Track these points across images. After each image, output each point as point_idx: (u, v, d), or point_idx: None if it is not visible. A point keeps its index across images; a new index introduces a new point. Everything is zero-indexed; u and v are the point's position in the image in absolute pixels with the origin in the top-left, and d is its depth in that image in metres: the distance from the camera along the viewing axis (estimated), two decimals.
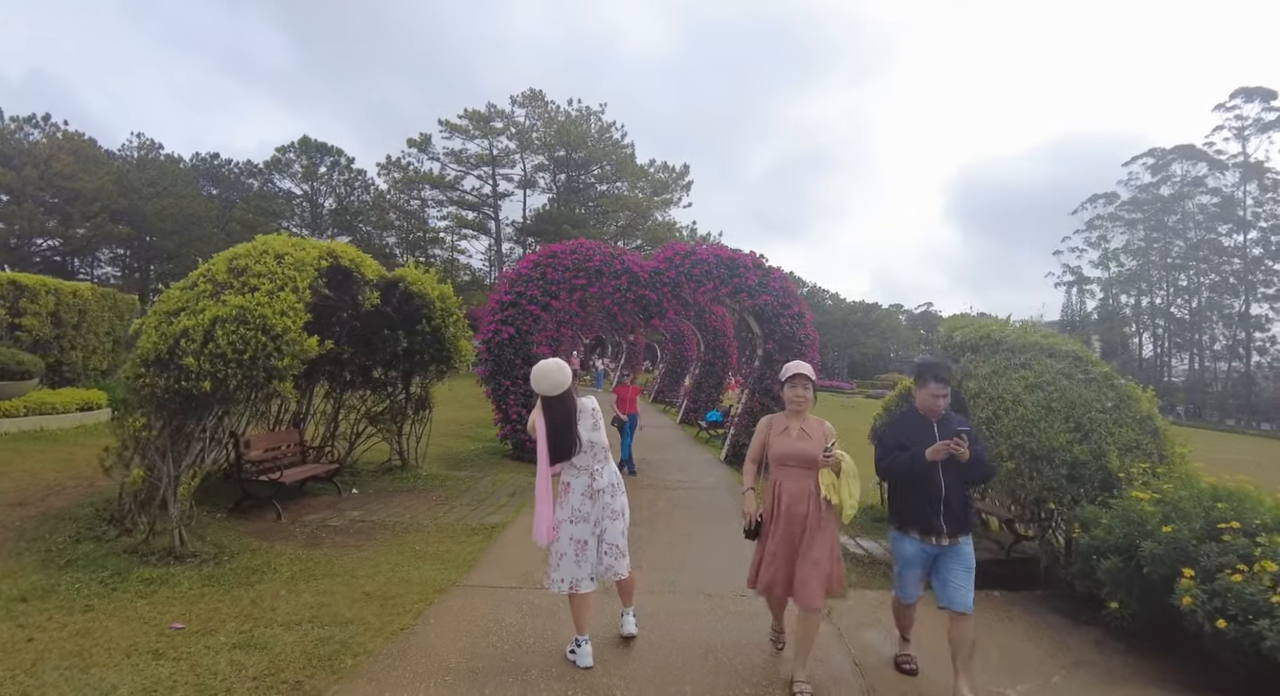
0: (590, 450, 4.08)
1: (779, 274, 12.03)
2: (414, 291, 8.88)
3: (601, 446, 4.16)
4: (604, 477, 4.13)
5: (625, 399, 11.01)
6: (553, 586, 4.11)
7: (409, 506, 8.30)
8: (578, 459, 4.06)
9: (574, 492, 4.09)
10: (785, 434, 4.01)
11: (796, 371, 4.00)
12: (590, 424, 4.09)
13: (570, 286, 11.66)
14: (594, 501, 4.09)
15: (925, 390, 4.00)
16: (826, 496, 3.81)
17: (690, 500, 8.97)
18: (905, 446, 3.94)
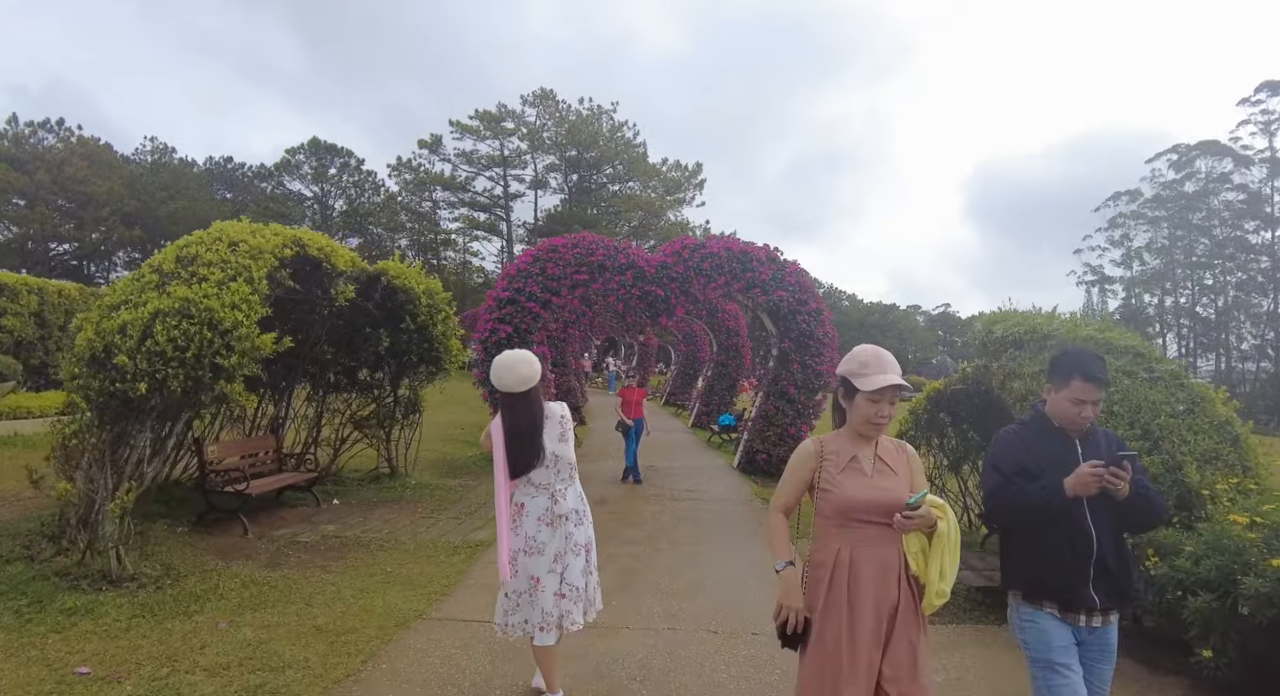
0: (553, 465, 3.35)
1: (795, 268, 11.24)
2: (397, 286, 8.22)
3: (567, 462, 3.42)
4: (567, 500, 3.37)
5: (630, 402, 10.27)
6: (507, 631, 3.37)
7: (390, 519, 7.61)
8: (537, 475, 3.32)
9: (528, 517, 3.32)
10: (854, 470, 2.39)
11: (888, 380, 2.31)
12: (557, 433, 3.37)
13: (572, 283, 10.95)
14: (554, 530, 3.32)
15: (1067, 391, 2.54)
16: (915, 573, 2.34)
17: (698, 513, 8.21)
18: (1033, 474, 2.56)
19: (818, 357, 10.96)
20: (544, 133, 48.21)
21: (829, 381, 11.13)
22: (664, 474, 11.02)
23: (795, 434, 10.95)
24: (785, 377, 10.99)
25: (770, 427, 11.00)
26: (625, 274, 10.95)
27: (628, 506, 8.43)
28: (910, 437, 9.60)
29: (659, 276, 10.97)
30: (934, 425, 9.42)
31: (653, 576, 5.67)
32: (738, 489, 9.94)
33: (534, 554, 3.27)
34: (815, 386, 10.99)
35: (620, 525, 7.39)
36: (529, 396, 3.26)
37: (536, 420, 3.27)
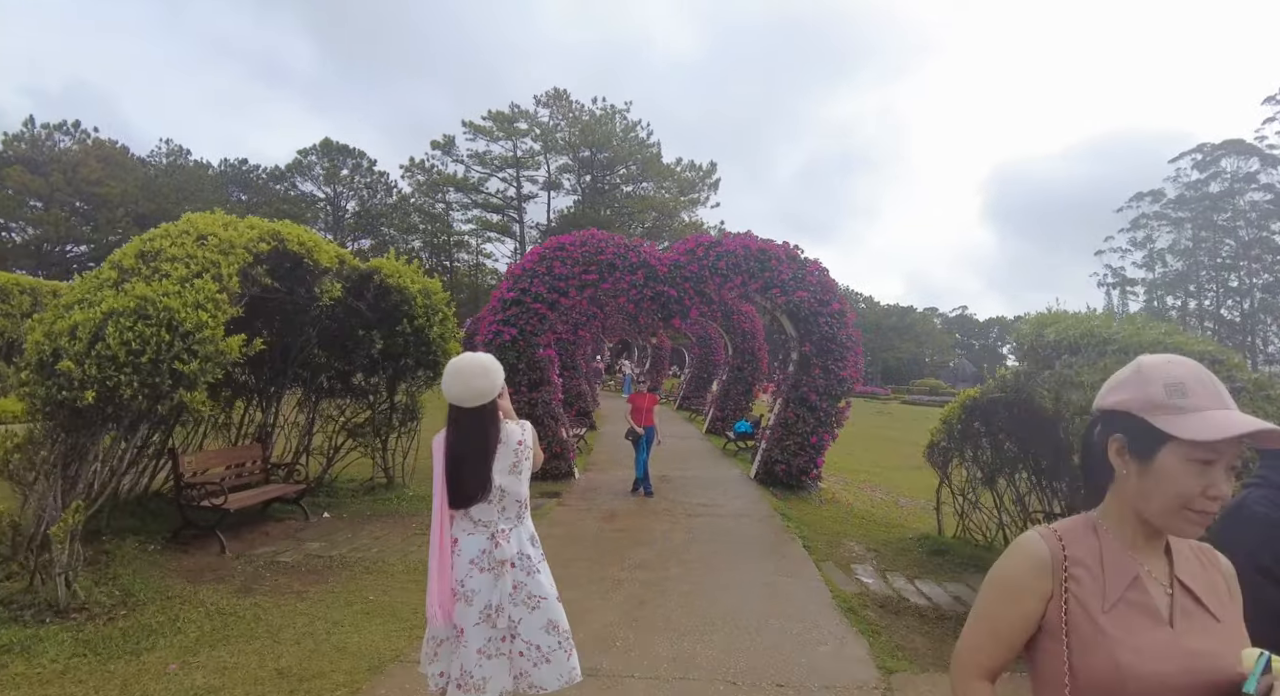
0: (499, 500, 2.73)
1: (816, 267, 10.59)
2: (391, 285, 7.68)
3: (516, 499, 2.77)
4: (511, 543, 2.72)
5: (641, 409, 9.66)
6: (430, 683, 2.78)
7: (381, 536, 7.07)
8: (478, 510, 2.71)
9: (460, 557, 2.69)
10: (1139, 609, 1.15)
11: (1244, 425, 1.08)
12: (509, 463, 2.75)
13: (580, 282, 10.37)
14: (494, 578, 2.67)
15: None
16: None
17: (714, 531, 7.59)
18: None
19: (840, 362, 10.31)
20: (557, 133, 47.80)
21: (853, 387, 10.46)
22: (677, 485, 10.40)
23: (816, 443, 10.30)
24: (806, 383, 10.34)
25: (790, 436, 10.35)
26: (636, 273, 10.35)
27: (637, 522, 7.83)
28: (943, 449, 8.96)
29: (672, 276, 10.37)
30: (968, 436, 8.75)
31: (663, 609, 5.06)
32: (756, 503, 9.30)
33: (461, 600, 2.65)
34: (838, 393, 10.33)
35: (629, 544, 6.79)
36: (481, 414, 2.68)
37: (486, 443, 2.67)
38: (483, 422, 2.68)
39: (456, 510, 2.69)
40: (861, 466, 15.81)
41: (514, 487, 2.74)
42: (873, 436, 24.13)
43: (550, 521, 7.79)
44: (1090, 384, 4.79)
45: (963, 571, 7.11)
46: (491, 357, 2.76)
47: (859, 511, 9.75)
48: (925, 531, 8.87)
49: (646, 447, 9.56)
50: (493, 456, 2.67)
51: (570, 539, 7.00)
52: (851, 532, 8.34)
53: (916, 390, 65.46)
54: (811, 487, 10.51)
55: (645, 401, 9.70)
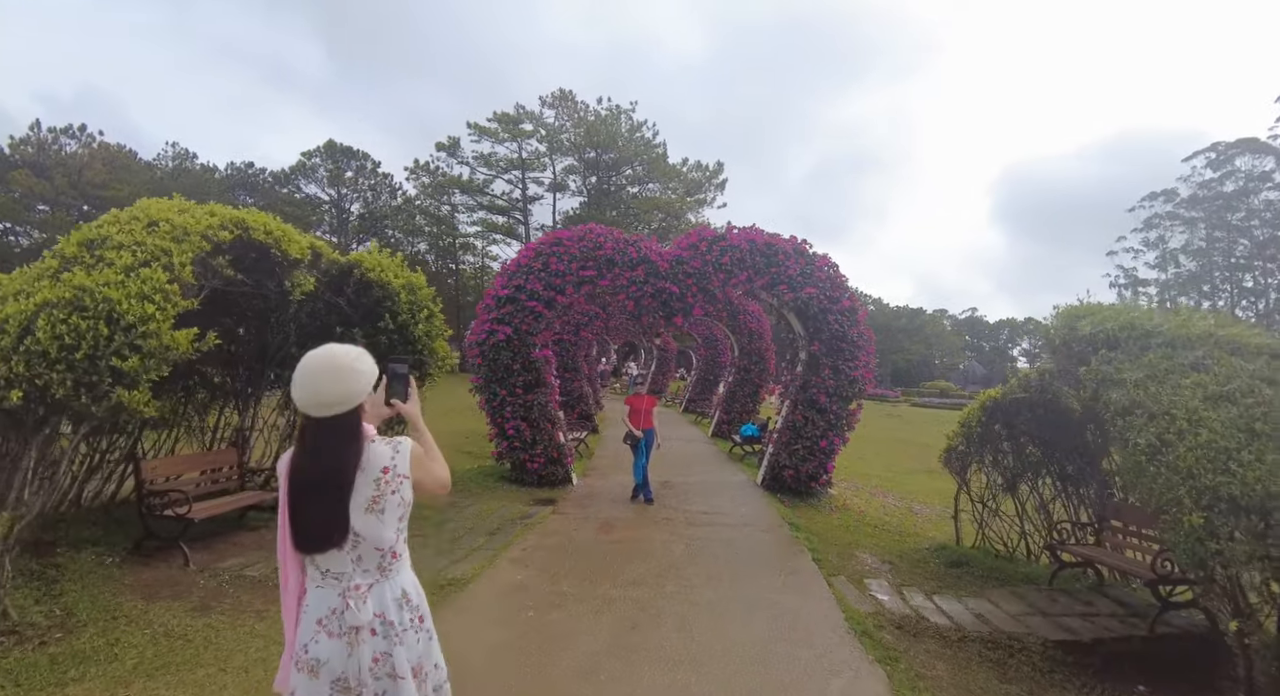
0: (355, 546, 1.97)
1: (825, 262, 10.08)
2: (373, 280, 7.22)
3: (376, 545, 1.98)
4: (368, 605, 1.96)
5: (639, 411, 9.17)
6: None
7: None
8: (326, 558, 1.97)
9: (306, 614, 1.99)
10: None
11: None
12: (368, 494, 1.96)
13: (578, 279, 9.90)
14: (345, 646, 1.95)
15: None
16: None
17: (717, 542, 7.08)
18: None
19: (851, 362, 9.78)
20: (562, 134, 47.36)
21: (864, 388, 9.94)
22: (679, 491, 9.89)
23: (827, 447, 9.78)
24: (815, 384, 9.82)
25: (798, 440, 9.83)
26: (636, 269, 9.88)
27: (635, 533, 7.33)
28: (960, 454, 8.43)
29: (674, 272, 9.88)
30: (988, 439, 8.21)
31: (656, 633, 4.56)
32: (762, 511, 8.79)
33: (304, 670, 1.95)
34: (849, 394, 9.81)
35: (625, 558, 6.30)
36: (337, 428, 1.94)
37: (341, 470, 1.92)
38: (338, 440, 1.94)
39: (309, 553, 1.97)
40: (873, 471, 15.26)
41: (372, 531, 1.95)
42: (883, 439, 23.54)
43: (543, 531, 7.31)
44: (1134, 381, 4.27)
45: (984, 585, 6.59)
46: (355, 349, 2.04)
47: (871, 519, 9.23)
48: (942, 541, 8.34)
49: (646, 452, 9.07)
50: (349, 486, 1.93)
51: (562, 551, 6.52)
52: (864, 543, 7.82)
53: (926, 392, 64.73)
54: (821, 494, 9.99)
55: (644, 403, 9.21)
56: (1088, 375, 4.71)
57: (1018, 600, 6.14)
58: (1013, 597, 6.19)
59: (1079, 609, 6.01)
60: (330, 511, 1.91)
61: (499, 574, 5.77)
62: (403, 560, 2.08)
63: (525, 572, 5.80)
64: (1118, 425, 4.29)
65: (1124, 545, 6.45)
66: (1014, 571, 7.20)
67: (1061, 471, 7.86)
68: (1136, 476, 4.03)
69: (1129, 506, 6.83)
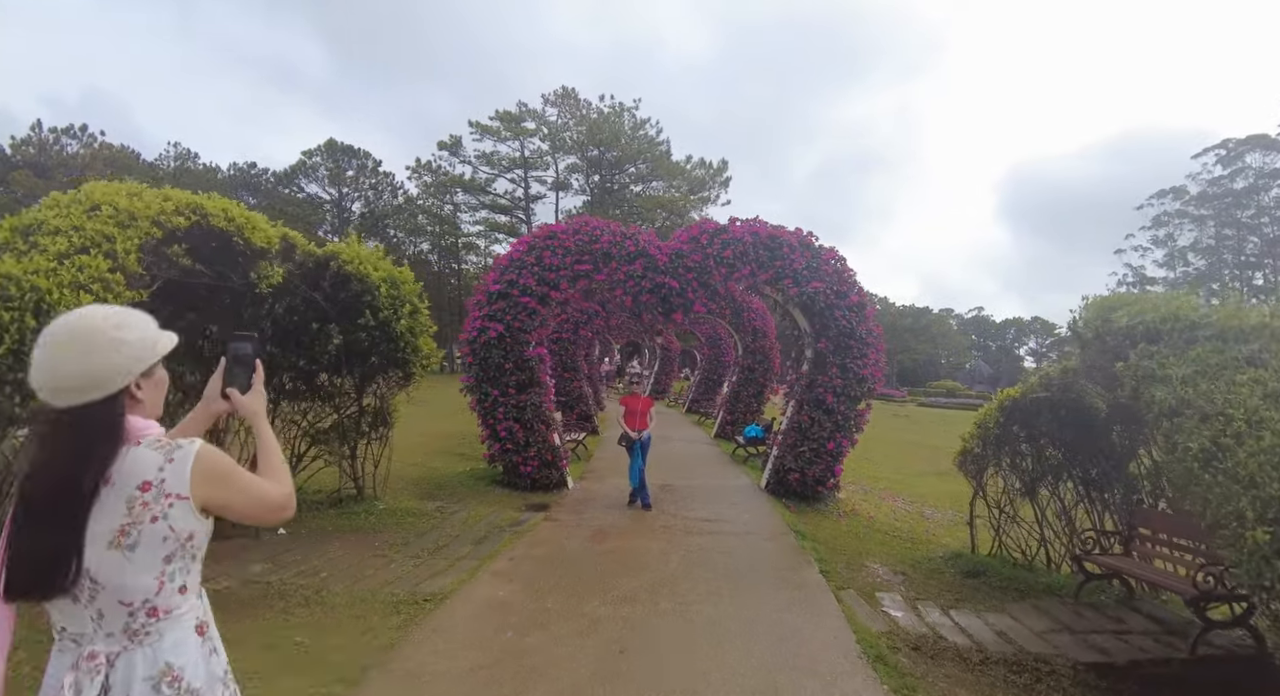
0: (93, 597, 1.33)
1: (832, 255, 9.63)
2: (351, 273, 6.81)
3: (120, 597, 1.33)
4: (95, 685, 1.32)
5: (635, 412, 8.73)
6: None
7: (335, 558, 6.19)
8: (60, 612, 1.36)
9: (47, 684, 1.38)
10: None
11: None
12: (114, 524, 1.31)
13: (573, 274, 9.47)
14: None
15: None
16: None
17: (717, 552, 6.63)
18: None
19: (860, 360, 9.33)
20: (565, 132, 47.00)
21: (873, 387, 9.48)
22: (680, 496, 9.44)
23: (834, 450, 9.32)
24: (822, 383, 9.37)
25: (804, 442, 9.37)
26: (634, 263, 9.44)
27: (630, 542, 6.89)
28: (977, 457, 7.97)
29: (673, 266, 9.44)
30: (1005, 441, 7.74)
31: (646, 659, 4.11)
32: (766, 517, 8.33)
33: None
34: (857, 393, 9.36)
35: (616, 571, 5.85)
36: (83, 423, 1.33)
37: (74, 478, 1.29)
38: (80, 440, 1.32)
39: (10, 602, 1.33)
40: (881, 473, 14.77)
41: (114, 575, 1.31)
42: (892, 440, 23.03)
43: (532, 540, 6.88)
44: (1182, 377, 3.80)
45: (1003, 597, 6.13)
46: (119, 311, 1.44)
47: (882, 525, 8.77)
48: (957, 548, 7.87)
49: (642, 454, 8.63)
50: (86, 507, 1.30)
51: (551, 562, 6.08)
52: (875, 551, 7.36)
53: (933, 392, 64.14)
54: (828, 499, 9.53)
55: (639, 404, 8.76)
56: (1126, 371, 4.24)
57: (1041, 615, 5.68)
58: (1035, 612, 5.73)
59: (1109, 626, 5.55)
60: (53, 541, 1.28)
61: (480, 588, 5.33)
62: (174, 621, 1.40)
63: (509, 587, 5.36)
64: (1163, 426, 3.83)
65: (1154, 555, 5.99)
66: (1034, 582, 6.73)
67: (1084, 475, 7.38)
68: (1188, 484, 3.57)
69: (1159, 513, 6.37)
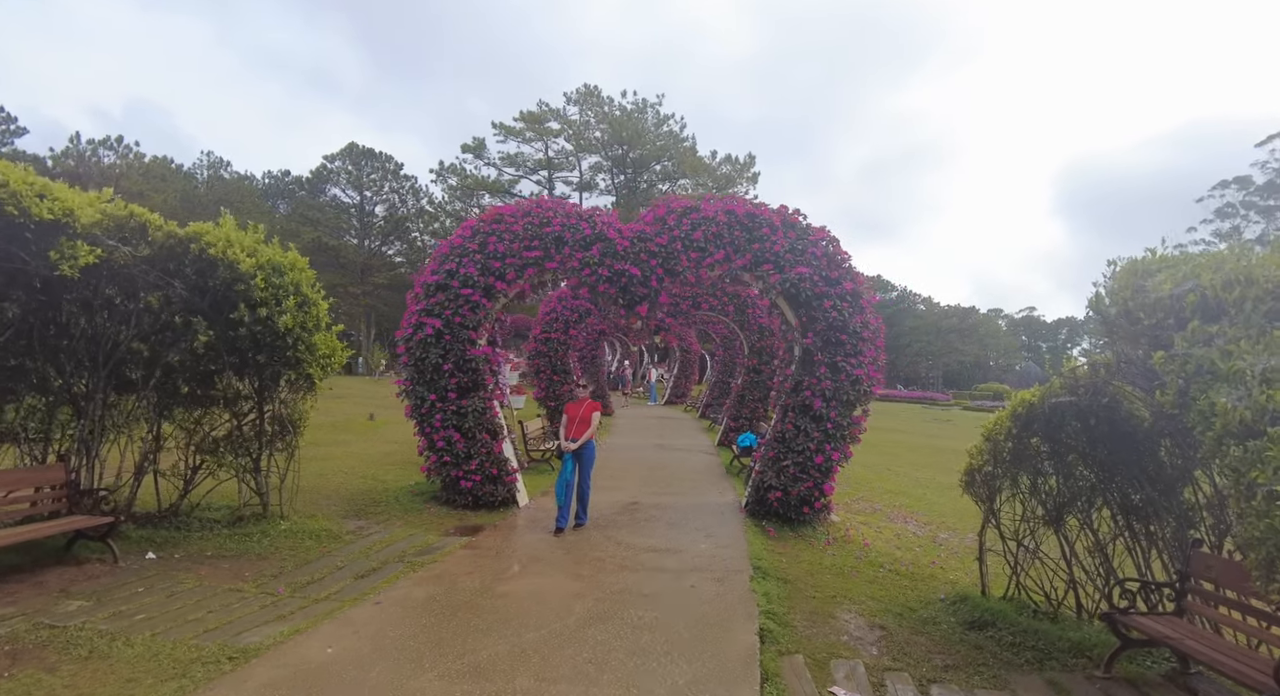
0: None
1: (822, 235, 8.22)
2: (215, 258, 5.75)
3: None
4: None
5: (575, 419, 7.47)
6: None
7: (180, 593, 5.13)
8: None
9: None
10: None
11: None
12: None
13: (521, 261, 8.29)
14: None
15: None
16: None
17: (639, 599, 5.31)
18: None
19: (853, 358, 7.90)
20: (589, 131, 46.04)
21: (871, 390, 8.04)
22: (642, 517, 8.14)
23: (823, 464, 7.89)
24: (809, 386, 7.97)
25: (788, 455, 7.98)
26: (591, 248, 8.21)
27: (539, 582, 5.62)
28: (987, 476, 6.48)
29: (634, 251, 8.19)
30: (1022, 458, 6.23)
31: None
32: (730, 547, 6.97)
33: None
34: (851, 397, 7.92)
35: (493, 626, 4.56)
36: None
37: None
38: None
39: None
40: (902, 486, 13.18)
41: None
42: (923, 447, 21.23)
43: (425, 575, 5.67)
44: (1261, 373, 2.38)
45: (1011, 664, 4.66)
46: None
47: (878, 555, 7.32)
48: (964, 587, 6.41)
49: (579, 468, 7.39)
50: None
51: (425, 609, 4.87)
52: (856, 593, 5.96)
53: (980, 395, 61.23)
54: (817, 522, 8.11)
55: (581, 410, 7.48)
56: (1169, 366, 2.82)
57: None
58: (1049, 693, 4.25)
59: None
60: None
61: (308, 644, 4.16)
62: None
63: (345, 643, 4.17)
64: (1229, 454, 2.40)
65: (1219, 618, 4.43)
66: (1058, 637, 5.23)
67: (1124, 502, 5.82)
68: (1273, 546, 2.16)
69: (1225, 561, 4.62)
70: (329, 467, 10.62)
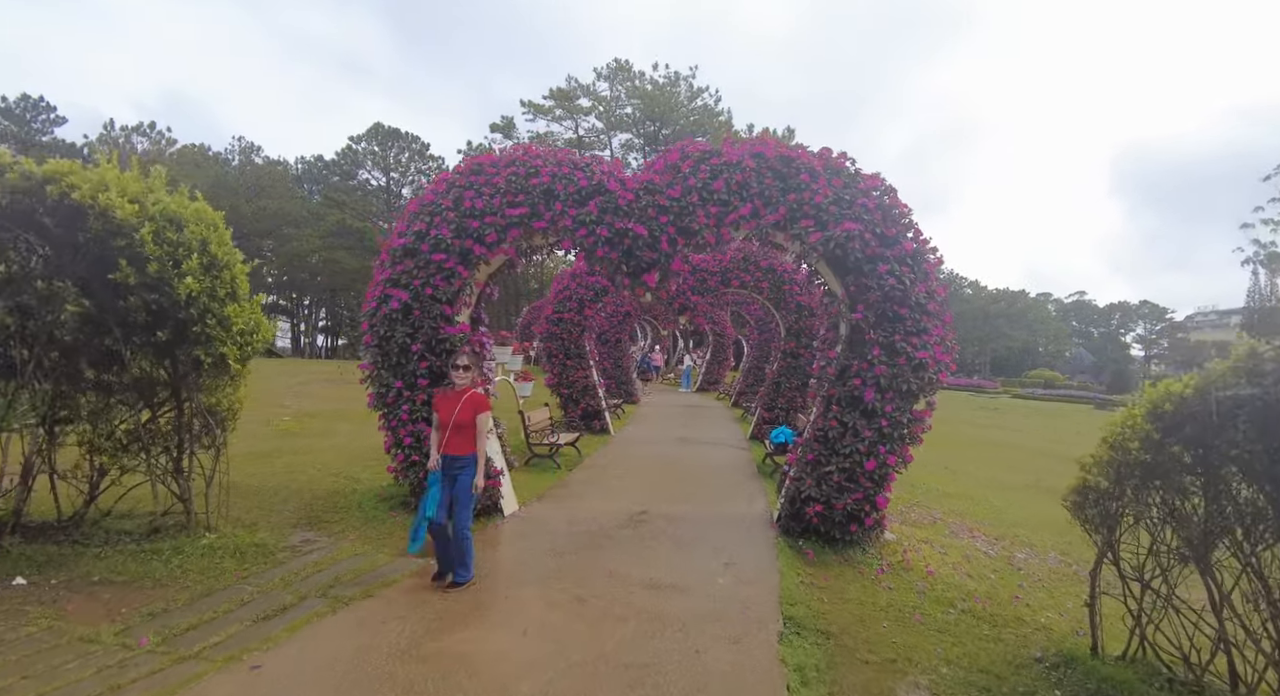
0: None
1: (875, 183, 6.55)
2: (82, 205, 4.41)
3: None
4: None
5: (447, 423, 5.00)
6: None
7: (12, 641, 3.83)
8: None
9: None
10: None
11: None
12: None
13: (503, 221, 6.83)
14: None
15: None
16: None
17: (617, 670, 3.85)
18: None
19: (916, 337, 6.25)
20: (620, 108, 44.35)
21: (938, 377, 6.39)
22: (648, 532, 6.67)
23: (877, 471, 6.28)
24: (858, 372, 6.36)
25: (831, 459, 6.40)
26: (587, 204, 6.71)
27: (468, 637, 4.17)
28: (1104, 497, 4.82)
29: (641, 206, 6.65)
30: (1158, 473, 4.57)
31: None
32: (755, 582, 5.44)
33: None
34: (913, 387, 6.27)
35: None
36: None
37: None
38: None
39: None
40: (963, 487, 11.45)
41: None
42: (975, 440, 19.29)
43: (338, 621, 4.30)
44: None
45: None
46: None
47: (945, 587, 5.74)
48: (1063, 639, 4.81)
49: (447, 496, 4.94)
50: None
51: (313, 684, 3.48)
52: (924, 650, 4.41)
53: (1029, 383, 58.32)
54: (868, 542, 6.52)
55: (454, 406, 5.01)
56: None
57: None
58: None
59: None
60: None
61: None
62: None
63: None
64: None
65: None
66: None
67: None
68: None
69: None
70: (303, 463, 9.41)
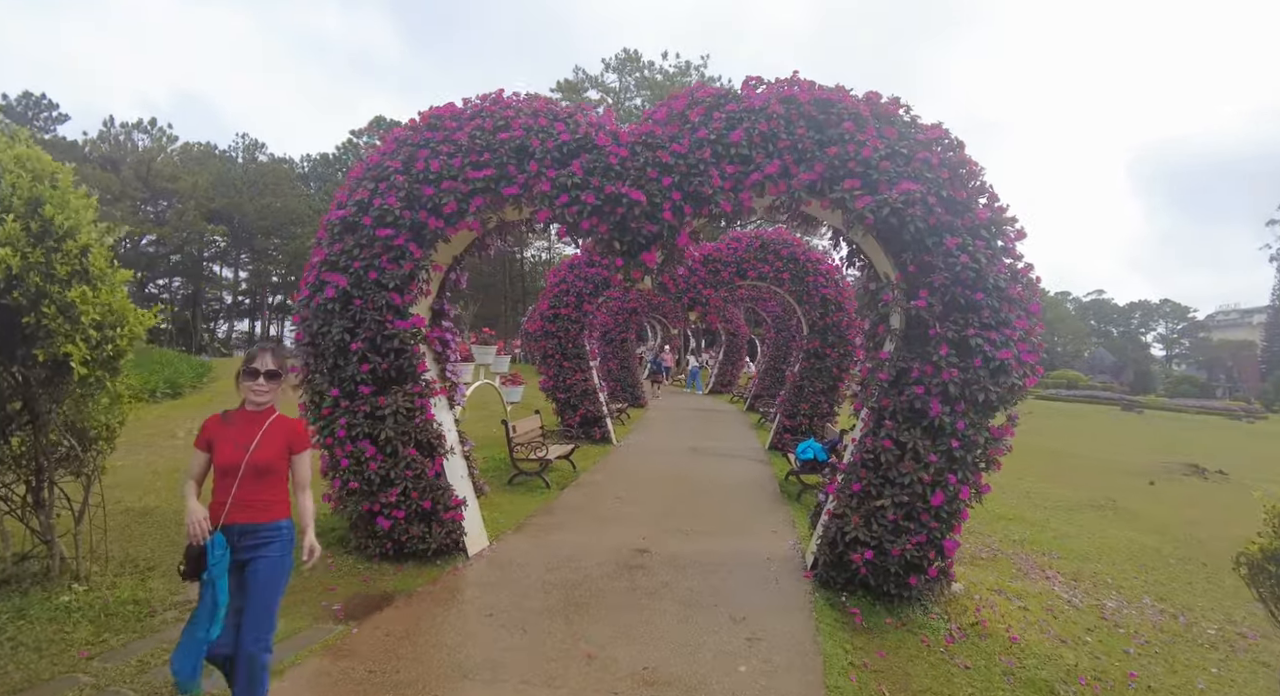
0: None
1: (936, 134, 5.08)
2: None
3: None
4: None
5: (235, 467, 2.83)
6: None
7: None
8: None
9: None
10: None
11: None
12: None
13: (466, 185, 5.40)
14: None
15: None
16: None
17: None
18: None
19: (993, 332, 4.75)
20: (629, 99, 42.87)
21: (1023, 384, 4.88)
22: (646, 584, 5.23)
23: (945, 506, 4.79)
24: (920, 377, 4.87)
25: (884, 488, 4.92)
26: (570, 163, 5.28)
27: None
28: None
29: (637, 165, 5.21)
30: None
31: None
32: (787, 672, 3.97)
33: None
34: (991, 397, 4.77)
35: None
36: None
37: None
38: None
39: None
40: (1014, 508, 9.90)
41: None
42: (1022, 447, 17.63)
43: None
44: None
45: None
46: None
47: (1036, 660, 4.27)
48: None
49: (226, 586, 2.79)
50: None
51: None
52: None
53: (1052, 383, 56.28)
54: (931, 598, 5.04)
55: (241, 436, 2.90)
56: None
57: None
58: None
59: None
60: None
61: None
62: None
63: None
64: None
65: None
66: None
67: None
68: None
69: None
70: None
